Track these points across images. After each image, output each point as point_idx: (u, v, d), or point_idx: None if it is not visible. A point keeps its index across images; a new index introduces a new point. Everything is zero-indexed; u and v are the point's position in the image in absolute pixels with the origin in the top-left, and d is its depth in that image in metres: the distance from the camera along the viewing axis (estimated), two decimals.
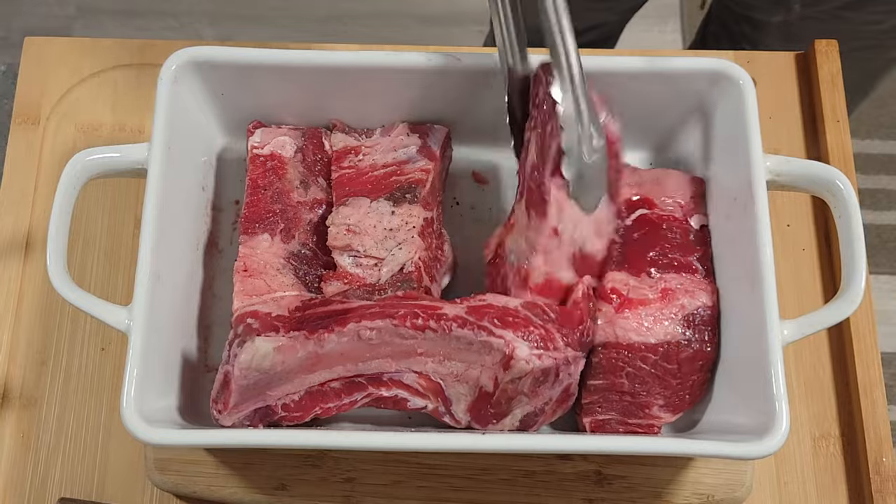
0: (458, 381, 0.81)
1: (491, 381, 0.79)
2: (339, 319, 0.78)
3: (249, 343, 0.77)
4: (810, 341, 0.94)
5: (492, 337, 0.77)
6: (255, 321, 0.78)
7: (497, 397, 0.80)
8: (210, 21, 2.13)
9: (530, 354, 0.77)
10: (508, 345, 0.77)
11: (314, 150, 0.91)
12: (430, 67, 0.86)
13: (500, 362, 0.78)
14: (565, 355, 0.78)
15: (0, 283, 0.94)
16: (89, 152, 0.81)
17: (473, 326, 0.78)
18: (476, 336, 0.77)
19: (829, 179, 0.82)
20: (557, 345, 0.78)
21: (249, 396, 0.79)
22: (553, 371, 0.79)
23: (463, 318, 0.78)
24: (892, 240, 1.94)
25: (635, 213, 0.88)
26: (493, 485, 0.88)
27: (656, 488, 0.87)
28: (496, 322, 0.78)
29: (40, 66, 1.03)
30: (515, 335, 0.77)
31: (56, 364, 0.92)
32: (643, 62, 0.87)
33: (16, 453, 0.90)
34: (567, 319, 0.80)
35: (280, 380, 0.79)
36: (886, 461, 0.89)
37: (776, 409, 0.75)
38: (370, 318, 0.77)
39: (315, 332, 0.77)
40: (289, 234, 0.87)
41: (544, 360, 0.78)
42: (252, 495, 0.87)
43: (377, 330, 0.78)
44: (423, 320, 0.78)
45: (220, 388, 0.79)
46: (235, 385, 0.78)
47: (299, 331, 0.77)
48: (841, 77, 1.01)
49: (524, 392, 0.80)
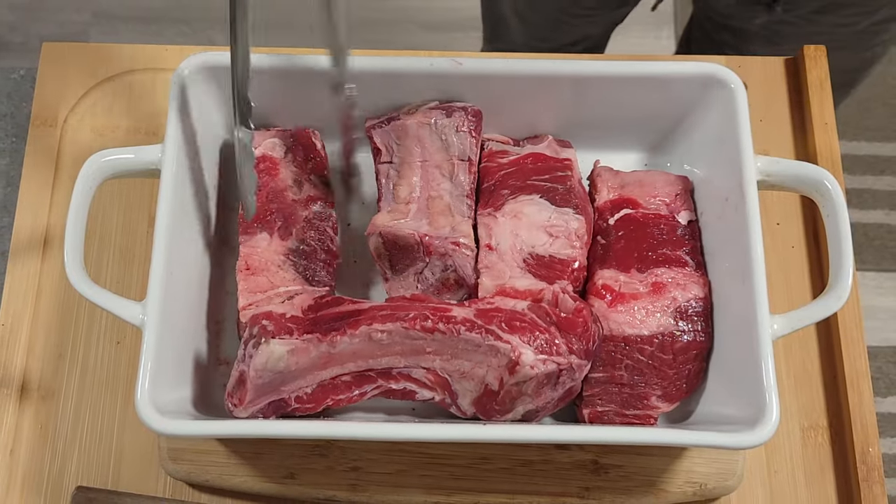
0: (465, 377, 0.81)
1: (496, 380, 0.79)
2: (351, 322, 0.78)
3: (264, 346, 0.77)
4: (799, 335, 0.94)
5: (498, 341, 0.77)
6: (270, 323, 0.78)
7: (502, 396, 0.80)
8: (222, 27, 2.12)
9: (535, 360, 0.77)
10: (514, 350, 0.77)
11: (305, 150, 0.91)
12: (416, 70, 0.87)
13: (506, 365, 0.78)
14: (569, 362, 0.78)
15: (19, 280, 0.94)
16: (105, 153, 0.81)
17: (481, 330, 0.78)
18: (483, 340, 0.77)
19: (818, 179, 0.82)
20: (561, 350, 0.78)
21: (264, 392, 0.80)
22: (556, 375, 0.79)
23: (471, 321, 0.78)
24: (877, 238, 1.94)
25: (619, 212, 0.88)
26: (493, 473, 0.88)
27: (651, 477, 0.87)
28: (503, 326, 0.78)
29: (58, 70, 1.03)
30: (521, 340, 0.77)
31: (73, 357, 0.92)
32: (639, 67, 0.87)
33: (34, 444, 0.90)
34: (570, 326, 0.79)
35: (294, 377, 0.80)
36: (872, 451, 0.88)
37: (766, 400, 0.75)
38: (381, 321, 0.77)
39: (328, 334, 0.77)
40: (287, 231, 0.87)
41: (548, 365, 0.78)
42: (262, 484, 0.87)
43: (388, 332, 0.78)
44: (433, 322, 0.77)
45: (235, 384, 0.79)
46: (251, 384, 0.78)
47: (312, 333, 0.77)
48: (829, 81, 1.01)
49: (528, 393, 0.80)
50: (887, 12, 1.15)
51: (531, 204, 0.86)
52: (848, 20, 1.16)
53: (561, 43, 1.40)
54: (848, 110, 1.94)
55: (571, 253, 0.85)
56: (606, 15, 1.37)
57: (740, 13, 1.24)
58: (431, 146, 0.87)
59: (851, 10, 1.15)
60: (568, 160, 0.89)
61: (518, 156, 0.90)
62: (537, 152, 0.90)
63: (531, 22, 1.37)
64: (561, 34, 1.38)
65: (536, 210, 0.86)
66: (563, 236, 0.85)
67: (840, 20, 1.16)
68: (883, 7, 1.15)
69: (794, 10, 1.17)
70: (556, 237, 0.85)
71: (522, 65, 0.87)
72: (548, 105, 0.91)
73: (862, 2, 1.14)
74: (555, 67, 0.87)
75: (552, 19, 1.34)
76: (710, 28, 1.34)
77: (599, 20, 1.38)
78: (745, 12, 1.22)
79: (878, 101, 2.03)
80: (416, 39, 2.11)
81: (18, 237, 0.96)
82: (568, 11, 1.33)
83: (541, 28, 1.37)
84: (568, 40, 1.40)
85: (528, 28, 1.38)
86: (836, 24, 1.16)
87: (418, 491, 0.87)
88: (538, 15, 1.34)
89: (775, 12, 1.17)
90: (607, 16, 1.38)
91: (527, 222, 0.86)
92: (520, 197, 0.87)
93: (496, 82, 0.88)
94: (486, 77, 0.87)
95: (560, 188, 0.87)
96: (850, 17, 1.16)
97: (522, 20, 1.37)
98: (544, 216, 0.86)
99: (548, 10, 1.32)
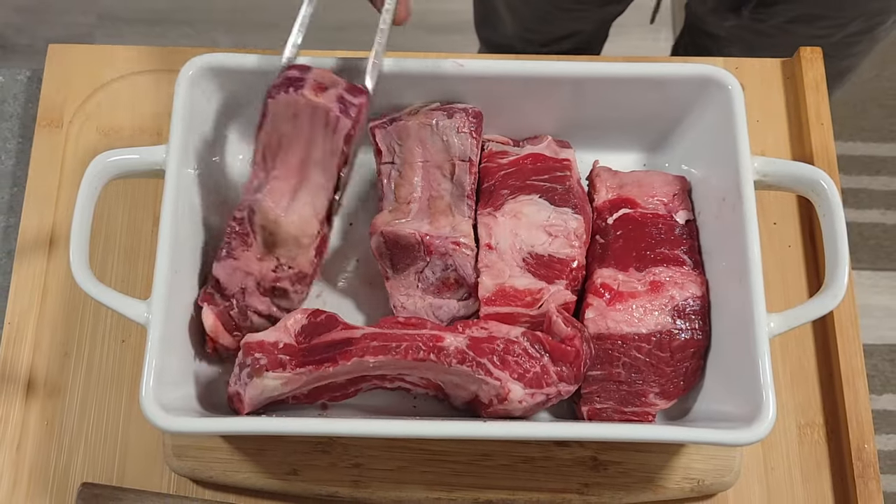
0: (458, 388, 0.81)
1: (487, 399, 0.80)
2: (343, 352, 0.77)
3: (258, 380, 0.77)
4: (796, 333, 0.94)
5: (489, 377, 0.77)
6: (263, 356, 0.78)
7: (491, 411, 0.81)
8: (226, 29, 2.13)
9: (524, 395, 0.78)
10: (504, 386, 0.77)
11: None
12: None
13: (496, 395, 0.78)
14: (558, 390, 0.79)
15: (26, 279, 0.94)
16: (110, 154, 0.81)
17: (472, 364, 0.77)
18: (474, 373, 0.77)
19: (814, 179, 0.82)
20: (551, 380, 0.78)
21: (260, 404, 0.81)
22: (544, 402, 0.79)
23: (463, 354, 0.78)
24: (873, 237, 1.94)
25: (618, 212, 0.88)
26: (494, 470, 0.88)
27: (649, 473, 0.87)
28: (495, 361, 0.78)
29: (63, 71, 1.02)
30: (512, 377, 0.77)
31: (79, 355, 0.92)
32: (637, 68, 0.88)
33: (40, 440, 0.90)
34: (562, 356, 0.79)
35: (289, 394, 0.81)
36: (868, 448, 0.88)
37: (763, 398, 0.75)
38: (373, 354, 0.77)
39: (321, 366, 0.77)
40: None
41: (537, 398, 0.78)
42: (265, 480, 0.87)
43: (379, 361, 0.78)
44: (424, 353, 0.77)
45: (232, 395, 0.80)
46: (247, 403, 0.79)
47: (305, 367, 0.77)
48: (825, 83, 1.01)
49: (517, 412, 0.80)
50: (859, 25, 1.17)
51: (530, 204, 0.86)
52: (821, 31, 1.17)
53: (552, 37, 1.40)
54: (844, 111, 1.95)
55: (570, 252, 0.85)
56: (594, 11, 1.38)
57: (713, 18, 1.26)
58: (433, 147, 0.87)
59: (824, 23, 1.16)
60: (567, 160, 0.89)
61: (518, 156, 0.90)
62: (537, 153, 0.90)
63: (522, 14, 1.38)
64: (551, 27, 1.39)
65: (535, 210, 0.86)
66: (561, 236, 0.85)
67: (814, 31, 1.17)
68: (854, 20, 1.16)
69: (766, 19, 1.18)
70: (555, 236, 0.85)
71: (523, 67, 0.87)
72: (548, 106, 0.91)
73: (833, 15, 1.15)
74: (555, 69, 0.87)
75: (542, 12, 1.34)
76: (696, 34, 1.36)
77: (589, 16, 1.39)
78: (716, 17, 1.24)
79: (873, 103, 2.04)
80: (416, 42, 2.11)
81: (25, 237, 0.96)
82: (557, 5, 1.33)
83: (531, 21, 1.38)
84: (559, 34, 1.40)
85: (518, 20, 1.39)
86: (810, 34, 1.17)
87: (420, 487, 0.87)
88: (528, 8, 1.35)
89: (742, 16, 1.18)
90: (595, 12, 1.38)
91: (526, 222, 0.86)
92: (519, 197, 0.87)
93: (497, 84, 0.88)
94: (487, 79, 0.87)
95: (559, 188, 0.87)
96: (823, 30, 1.17)
97: (513, 12, 1.38)
98: (543, 216, 0.86)
99: (538, 3, 1.33)
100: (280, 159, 0.82)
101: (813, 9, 1.15)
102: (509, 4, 1.37)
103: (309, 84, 0.80)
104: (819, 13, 1.15)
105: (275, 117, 0.81)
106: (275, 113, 0.81)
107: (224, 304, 0.84)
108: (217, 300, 0.84)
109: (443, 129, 0.87)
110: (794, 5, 1.15)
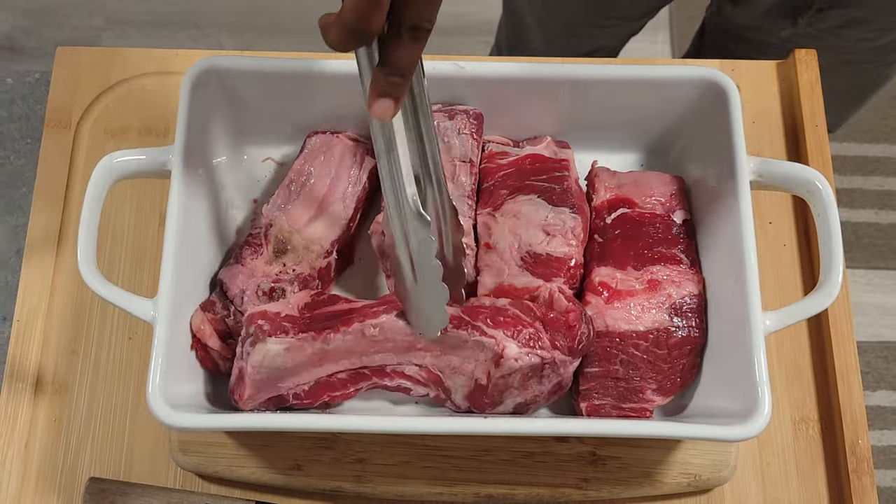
0: (455, 372, 0.81)
1: (484, 375, 0.80)
2: (345, 319, 0.78)
3: (261, 345, 0.77)
4: (791, 331, 0.94)
5: (484, 336, 0.78)
6: (266, 322, 0.78)
7: (490, 390, 0.80)
8: (231, 32, 2.13)
9: (519, 352, 0.78)
10: (499, 343, 0.77)
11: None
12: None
13: (492, 359, 0.78)
14: (553, 356, 0.78)
15: (34, 278, 0.94)
16: (117, 155, 0.81)
17: (468, 326, 0.78)
18: (470, 335, 0.78)
19: (809, 180, 0.82)
20: (545, 344, 0.78)
21: (263, 388, 0.80)
22: (540, 368, 0.79)
23: (459, 318, 0.78)
24: (866, 236, 1.94)
25: (616, 212, 0.88)
26: (494, 465, 0.88)
27: (647, 468, 0.87)
28: (489, 322, 0.78)
29: (71, 73, 1.02)
30: (506, 334, 0.78)
31: (86, 353, 0.92)
32: (636, 70, 0.87)
33: (49, 436, 0.90)
34: (554, 324, 0.79)
35: (290, 374, 0.80)
36: (862, 443, 0.88)
37: (759, 394, 0.75)
38: (374, 316, 0.77)
39: (322, 332, 0.77)
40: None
41: (532, 358, 0.78)
42: (270, 475, 0.87)
43: (380, 327, 0.78)
44: None
45: (236, 380, 0.80)
46: (249, 380, 0.78)
47: (307, 332, 0.77)
48: (820, 85, 1.01)
49: (514, 386, 0.80)
50: None
51: (529, 203, 0.86)
52: (869, 35, 1.16)
53: (576, 52, 1.38)
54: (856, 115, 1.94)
55: (568, 251, 0.85)
56: (626, 26, 1.36)
57: (766, 26, 1.22)
58: None
59: (874, 26, 1.15)
60: (565, 161, 0.89)
61: (517, 157, 0.89)
62: (536, 153, 0.89)
63: (550, 28, 1.35)
64: (579, 42, 1.36)
65: (534, 209, 0.86)
66: (559, 235, 0.85)
67: (862, 35, 1.16)
68: None
69: (819, 23, 1.16)
70: (553, 236, 0.85)
71: (523, 68, 0.87)
72: (547, 108, 0.91)
73: (884, 18, 1.14)
74: (554, 71, 0.87)
75: (573, 27, 1.32)
76: (726, 40, 1.32)
77: (618, 31, 1.37)
78: (771, 25, 1.21)
79: (868, 104, 2.03)
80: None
81: (33, 236, 0.96)
82: (590, 22, 1.31)
83: (560, 35, 1.35)
84: (583, 50, 1.38)
85: (546, 34, 1.36)
86: (857, 38, 1.16)
87: (421, 482, 0.87)
88: (558, 23, 1.33)
89: (799, 25, 1.17)
90: (626, 27, 1.36)
91: (525, 221, 0.85)
92: (518, 197, 0.87)
93: (497, 86, 0.88)
94: (488, 80, 0.87)
95: (557, 188, 0.87)
96: (872, 33, 1.16)
97: (542, 28, 1.36)
98: (541, 215, 0.86)
99: (569, 19, 1.31)
100: (306, 189, 0.88)
101: (864, 13, 1.13)
102: (539, 20, 1.35)
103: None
104: (868, 17, 1.13)
105: (310, 152, 0.90)
106: (311, 148, 0.90)
107: (223, 312, 0.84)
108: (217, 308, 0.84)
109: (444, 130, 0.87)
110: (846, 10, 1.13)
